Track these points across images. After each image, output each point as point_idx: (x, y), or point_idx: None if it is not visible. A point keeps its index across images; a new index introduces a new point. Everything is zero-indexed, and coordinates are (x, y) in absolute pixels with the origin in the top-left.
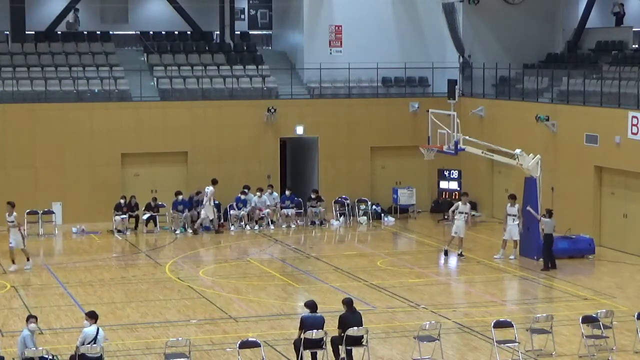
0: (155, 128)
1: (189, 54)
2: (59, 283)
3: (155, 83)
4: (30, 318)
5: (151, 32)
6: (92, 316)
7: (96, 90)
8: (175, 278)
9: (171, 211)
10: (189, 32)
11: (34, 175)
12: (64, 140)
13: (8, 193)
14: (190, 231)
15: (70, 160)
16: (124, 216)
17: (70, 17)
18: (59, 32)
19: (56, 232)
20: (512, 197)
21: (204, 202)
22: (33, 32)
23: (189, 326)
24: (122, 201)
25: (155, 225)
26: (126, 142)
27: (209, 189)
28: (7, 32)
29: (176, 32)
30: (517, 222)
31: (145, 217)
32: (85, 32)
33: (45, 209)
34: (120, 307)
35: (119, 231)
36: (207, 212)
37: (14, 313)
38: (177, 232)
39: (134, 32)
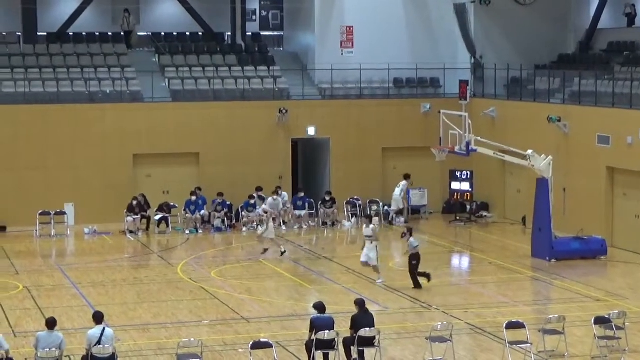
0: (167, 129)
1: (201, 55)
2: (72, 284)
3: (167, 84)
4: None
5: (163, 33)
6: (95, 317)
7: (108, 92)
8: (187, 279)
9: (183, 212)
10: (200, 33)
11: (46, 176)
12: (76, 141)
13: (20, 194)
14: (201, 232)
15: (82, 161)
16: (136, 217)
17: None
18: (71, 33)
19: (68, 232)
20: (367, 218)
21: (395, 194)
22: (45, 34)
23: (201, 327)
24: (134, 202)
25: (168, 226)
26: (138, 143)
27: (403, 183)
28: (19, 34)
29: (188, 33)
30: (375, 244)
31: (157, 217)
32: (97, 33)
33: (58, 210)
34: (133, 308)
35: (130, 232)
36: (397, 204)
37: (27, 314)
38: (187, 232)
39: (145, 33)
